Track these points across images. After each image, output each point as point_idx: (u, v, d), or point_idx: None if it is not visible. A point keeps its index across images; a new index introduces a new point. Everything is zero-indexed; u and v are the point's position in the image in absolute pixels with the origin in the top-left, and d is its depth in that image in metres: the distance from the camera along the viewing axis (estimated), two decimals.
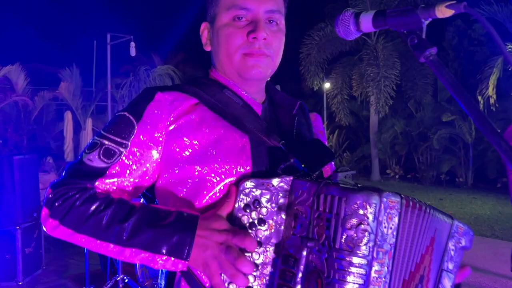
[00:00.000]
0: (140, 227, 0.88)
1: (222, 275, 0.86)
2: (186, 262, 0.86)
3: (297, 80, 15.99)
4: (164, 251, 0.86)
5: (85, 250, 3.91)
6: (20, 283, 4.43)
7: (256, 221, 0.88)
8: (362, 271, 0.78)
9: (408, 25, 0.79)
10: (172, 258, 0.86)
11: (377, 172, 13.49)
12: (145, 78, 9.65)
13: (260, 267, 0.87)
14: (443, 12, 0.73)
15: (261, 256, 0.87)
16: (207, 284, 0.91)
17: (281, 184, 0.89)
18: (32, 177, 4.78)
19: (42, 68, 15.77)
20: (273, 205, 0.89)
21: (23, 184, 4.51)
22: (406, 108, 13.77)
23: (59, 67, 11.99)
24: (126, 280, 3.72)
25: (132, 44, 8.28)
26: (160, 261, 0.87)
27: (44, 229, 0.94)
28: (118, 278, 3.67)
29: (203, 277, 0.91)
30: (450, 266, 0.97)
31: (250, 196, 0.89)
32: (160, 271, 1.04)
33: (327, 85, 13.98)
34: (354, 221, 0.78)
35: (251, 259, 0.87)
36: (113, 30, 9.16)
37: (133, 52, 8.38)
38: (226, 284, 0.86)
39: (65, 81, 10.52)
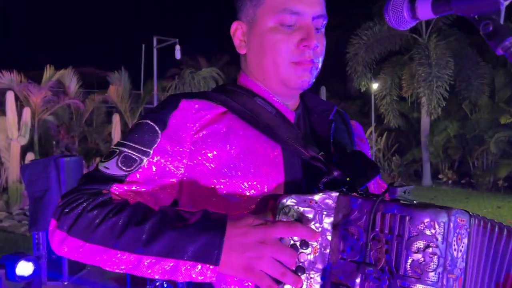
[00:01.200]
0: (160, 230, 0.77)
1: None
2: (217, 267, 0.75)
3: (343, 81, 15.66)
4: (188, 255, 0.75)
5: None
6: (66, 283, 4.53)
7: (298, 244, 0.78)
8: None
9: (480, 8, 0.62)
10: (199, 264, 0.75)
11: (428, 177, 12.92)
12: (190, 81, 9.74)
13: None
14: None
15: (305, 283, 0.77)
16: None
17: (326, 200, 0.79)
18: (77, 179, 4.88)
19: (92, 71, 16.44)
20: (317, 225, 0.79)
21: (69, 186, 4.60)
22: (460, 109, 13.11)
23: (109, 70, 12.41)
24: (166, 285, 3.68)
25: (177, 47, 8.40)
26: (184, 268, 0.75)
27: (53, 247, 0.83)
28: (157, 284, 3.64)
29: None
30: None
31: (291, 214, 0.78)
32: None
33: (375, 85, 13.56)
34: (420, 243, 0.70)
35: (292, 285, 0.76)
36: (160, 33, 9.35)
37: (178, 55, 8.50)
38: (272, 284, 0.76)
39: (114, 84, 10.83)
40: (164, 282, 3.68)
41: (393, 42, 12.57)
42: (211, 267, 0.75)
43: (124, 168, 0.87)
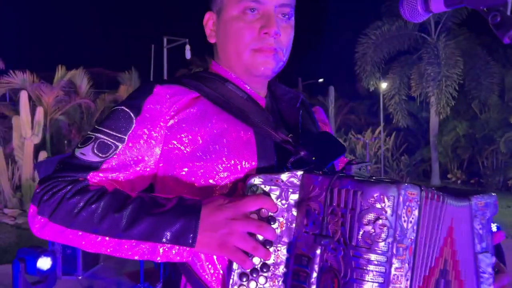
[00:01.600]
0: (138, 216, 0.81)
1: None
2: (192, 248, 0.80)
3: (352, 80, 15.66)
4: (166, 239, 0.79)
5: None
6: (80, 277, 4.62)
7: (265, 220, 0.82)
8: (381, 269, 0.74)
9: (489, 0, 0.67)
10: (177, 246, 0.79)
11: (437, 177, 12.89)
12: None
13: (271, 267, 0.82)
14: None
15: (273, 256, 0.82)
16: (213, 284, 0.86)
17: (291, 179, 0.83)
18: None
19: (101, 71, 16.61)
20: (283, 201, 0.83)
21: None
22: (469, 109, 13.07)
23: (117, 70, 12.54)
24: None
25: (188, 47, 8.47)
26: (162, 250, 0.80)
27: (33, 230, 0.85)
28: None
29: (211, 280, 0.86)
30: (484, 245, 0.91)
31: (258, 192, 0.83)
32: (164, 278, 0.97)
33: (383, 85, 13.56)
34: (371, 215, 0.74)
35: (261, 257, 0.81)
36: (168, 34, 9.43)
37: (188, 55, 8.58)
38: (243, 257, 0.80)
39: (124, 84, 10.94)
40: None
41: (401, 42, 12.56)
42: (187, 248, 0.79)
43: (100, 155, 0.88)
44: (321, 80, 18.97)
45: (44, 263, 3.77)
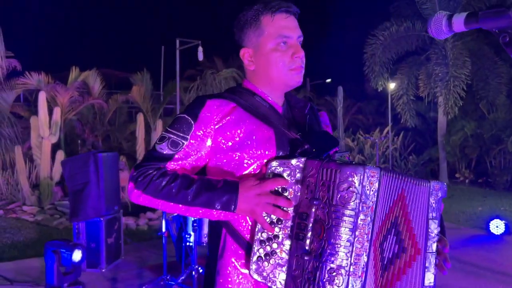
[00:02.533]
0: (200, 192, 1.23)
1: (264, 215, 1.21)
2: (234, 213, 1.23)
3: (360, 81, 15.77)
4: (218, 207, 1.23)
5: (163, 242, 4.20)
6: (103, 270, 4.81)
7: (280, 189, 1.21)
8: (351, 219, 1.09)
9: (500, 24, 0.85)
10: (224, 212, 1.23)
11: (445, 176, 12.97)
12: (212, 82, 9.99)
13: (283, 221, 1.20)
14: None
15: (285, 213, 1.21)
16: (246, 235, 1.27)
17: (297, 163, 1.21)
18: (114, 173, 5.16)
19: (111, 73, 16.79)
20: (292, 178, 1.21)
21: (106, 179, 4.89)
22: (477, 109, 13.12)
23: (131, 71, 12.70)
24: (201, 270, 3.94)
25: (200, 48, 8.63)
26: (216, 214, 1.24)
27: (130, 198, 1.29)
28: (194, 268, 3.89)
29: (243, 228, 1.28)
30: (434, 214, 1.28)
31: (275, 172, 1.22)
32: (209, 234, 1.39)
33: (392, 85, 13.64)
34: (345, 185, 1.10)
35: (277, 216, 1.21)
36: (179, 35, 9.57)
37: (200, 57, 8.74)
38: (268, 221, 1.21)
39: (136, 85, 11.07)
40: (199, 267, 3.94)
41: (409, 42, 12.63)
42: (231, 213, 1.24)
43: (172, 149, 1.31)
44: (329, 80, 19.11)
45: (77, 255, 3.99)
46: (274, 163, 1.23)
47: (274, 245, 1.20)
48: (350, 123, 16.78)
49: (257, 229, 1.22)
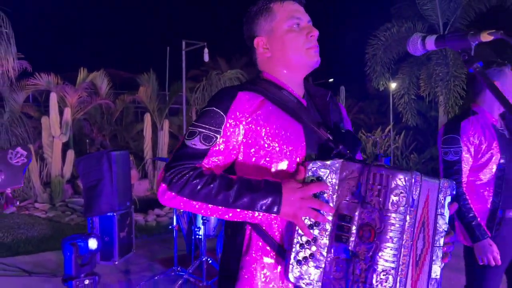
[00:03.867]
0: (241, 193, 1.16)
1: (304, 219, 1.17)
2: (278, 215, 1.17)
3: (362, 80, 15.96)
4: (261, 209, 1.16)
5: (174, 235, 4.44)
6: (116, 262, 5.06)
7: (318, 193, 1.19)
8: (401, 222, 1.12)
9: (461, 46, 1.09)
10: (266, 213, 1.17)
11: None
12: (217, 82, 10.22)
13: (321, 224, 1.18)
14: (486, 37, 1.03)
15: (325, 217, 1.20)
16: (276, 234, 1.24)
17: (336, 164, 1.19)
18: (126, 171, 5.41)
19: (116, 73, 17.02)
20: (329, 180, 1.19)
21: (119, 176, 5.13)
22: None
23: (135, 71, 12.92)
24: (210, 261, 4.18)
25: (206, 50, 8.85)
26: (259, 217, 1.18)
27: (161, 201, 1.21)
28: (203, 259, 4.13)
29: (273, 229, 1.24)
30: (442, 210, 1.30)
31: (316, 173, 1.19)
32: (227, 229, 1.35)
33: (393, 85, 13.84)
34: (398, 191, 1.12)
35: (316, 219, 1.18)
36: (183, 36, 9.77)
37: (206, 58, 8.95)
38: (307, 224, 1.18)
39: (143, 85, 11.27)
40: (209, 259, 4.18)
41: None
42: (273, 215, 1.18)
43: (206, 144, 1.23)
44: (331, 80, 19.31)
45: (93, 243, 4.24)
46: (313, 165, 1.20)
47: (313, 248, 1.18)
48: (352, 122, 16.91)
49: (296, 232, 1.18)
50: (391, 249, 1.11)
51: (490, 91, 1.05)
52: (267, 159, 1.26)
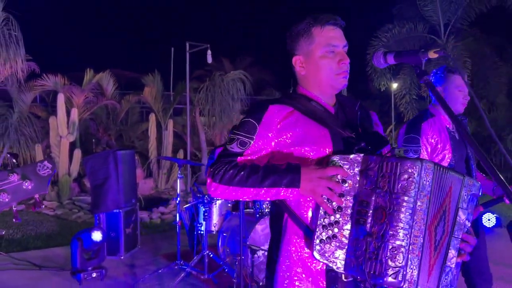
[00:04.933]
0: (267, 174, 1.38)
1: (323, 196, 1.34)
2: (298, 189, 1.36)
3: (364, 80, 16.10)
4: (284, 185, 1.36)
5: (177, 230, 4.65)
6: (122, 257, 5.28)
7: (340, 180, 1.34)
8: (410, 205, 1.22)
9: (414, 61, 1.29)
10: (290, 188, 1.36)
11: None
12: (220, 83, 10.42)
13: (343, 209, 1.32)
14: (432, 55, 1.22)
15: (344, 202, 1.34)
16: (306, 219, 1.41)
17: (357, 158, 1.34)
18: (131, 169, 5.63)
19: (124, 73, 17.23)
20: (351, 171, 1.34)
21: (125, 174, 5.36)
22: (477, 108, 13.38)
23: (140, 71, 13.10)
24: (211, 255, 4.39)
25: (209, 52, 9.06)
26: (283, 192, 1.38)
27: (209, 193, 1.46)
28: (205, 253, 4.34)
29: (304, 214, 1.42)
30: (464, 205, 1.40)
31: (337, 164, 1.34)
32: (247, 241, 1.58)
33: (394, 85, 13.99)
34: (405, 176, 1.23)
35: (336, 203, 1.33)
36: (188, 36, 9.94)
37: (209, 59, 9.17)
38: (325, 201, 1.33)
39: (148, 86, 11.46)
40: (210, 253, 4.39)
41: (412, 44, 12.89)
42: (295, 190, 1.36)
43: (241, 148, 1.48)
44: None
45: (97, 235, 4.46)
46: (335, 158, 1.35)
47: (335, 230, 1.31)
48: None
49: (319, 215, 1.33)
50: (400, 229, 1.21)
51: (437, 100, 1.24)
52: (297, 156, 1.46)
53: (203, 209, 4.45)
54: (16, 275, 4.78)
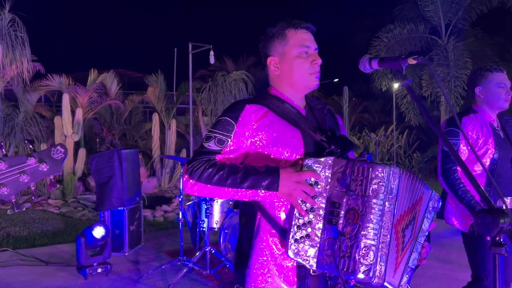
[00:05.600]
0: (246, 175, 1.42)
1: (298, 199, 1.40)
2: (277, 192, 1.41)
3: (366, 81, 16.20)
4: (263, 188, 1.42)
5: (180, 227, 4.78)
6: (126, 254, 5.41)
7: (313, 182, 1.42)
8: (380, 207, 1.33)
9: (396, 67, 1.41)
10: (269, 191, 1.42)
11: None
12: (222, 83, 10.55)
13: (315, 209, 1.40)
14: (411, 61, 1.34)
15: (316, 203, 1.41)
16: (279, 220, 1.47)
17: (328, 161, 1.41)
18: (135, 168, 5.76)
19: (127, 73, 17.37)
20: (323, 173, 1.41)
21: (129, 173, 5.48)
22: None
23: (145, 73, 13.23)
24: (213, 251, 4.51)
25: (212, 53, 9.17)
26: (261, 194, 1.43)
27: (185, 190, 1.48)
28: (207, 249, 4.46)
29: (277, 214, 1.48)
30: (429, 215, 1.54)
31: (310, 167, 1.42)
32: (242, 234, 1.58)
33: (396, 85, 14.08)
34: (377, 180, 1.34)
35: (310, 204, 1.40)
36: (191, 35, 10.04)
37: (212, 60, 9.26)
38: (300, 203, 1.40)
39: (151, 86, 11.58)
40: (212, 249, 4.51)
41: (413, 44, 13.03)
42: (273, 192, 1.41)
43: (219, 145, 1.51)
44: (336, 80, 19.57)
45: (98, 231, 4.58)
46: (309, 161, 1.41)
47: (309, 229, 1.38)
48: (357, 121, 17.21)
49: (294, 216, 1.40)
50: (371, 229, 1.30)
51: (416, 104, 1.36)
52: (271, 157, 1.51)
53: (205, 207, 4.57)
54: (24, 270, 4.91)
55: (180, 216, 4.80)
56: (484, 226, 1.12)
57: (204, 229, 4.64)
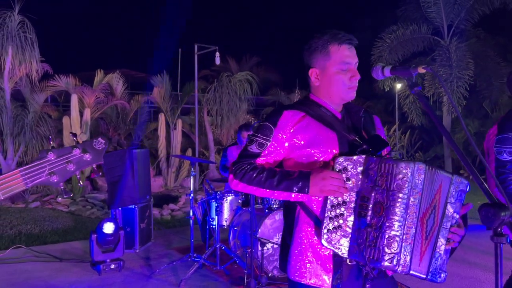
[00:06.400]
0: (281, 180, 1.60)
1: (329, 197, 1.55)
2: (308, 194, 1.57)
3: (369, 81, 16.28)
4: (295, 190, 1.58)
5: (190, 225, 4.91)
6: (137, 250, 5.55)
7: (345, 179, 1.54)
8: (405, 201, 1.42)
9: (407, 75, 1.54)
10: (300, 193, 1.58)
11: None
12: (227, 84, 10.68)
13: (347, 203, 1.54)
14: (421, 70, 1.48)
15: (348, 198, 1.55)
16: (316, 211, 1.62)
17: (359, 159, 1.54)
18: (146, 167, 5.90)
19: (131, 73, 17.47)
20: (354, 170, 1.54)
21: (140, 172, 5.62)
22: (481, 108, 13.58)
23: (150, 73, 13.36)
24: (223, 248, 4.64)
25: (217, 54, 9.30)
26: (293, 195, 1.60)
27: (230, 186, 1.70)
28: (217, 246, 4.60)
29: (314, 207, 1.63)
30: (452, 200, 1.56)
31: (342, 165, 1.55)
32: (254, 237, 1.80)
33: (398, 85, 14.17)
34: (401, 175, 1.43)
35: (341, 198, 1.54)
36: (196, 36, 10.12)
37: (217, 61, 9.40)
38: (335, 203, 1.53)
39: (156, 86, 11.71)
40: (222, 246, 4.65)
41: (415, 45, 13.10)
42: (305, 194, 1.57)
43: (259, 148, 1.69)
44: None
45: (108, 227, 4.73)
46: (340, 159, 1.55)
47: (341, 221, 1.51)
48: None
49: (327, 208, 1.54)
50: (395, 221, 1.40)
51: (428, 112, 1.49)
52: (308, 157, 1.67)
53: (215, 205, 4.71)
54: (39, 267, 5.06)
55: (191, 214, 4.94)
56: (487, 219, 1.26)
57: (214, 227, 4.78)
